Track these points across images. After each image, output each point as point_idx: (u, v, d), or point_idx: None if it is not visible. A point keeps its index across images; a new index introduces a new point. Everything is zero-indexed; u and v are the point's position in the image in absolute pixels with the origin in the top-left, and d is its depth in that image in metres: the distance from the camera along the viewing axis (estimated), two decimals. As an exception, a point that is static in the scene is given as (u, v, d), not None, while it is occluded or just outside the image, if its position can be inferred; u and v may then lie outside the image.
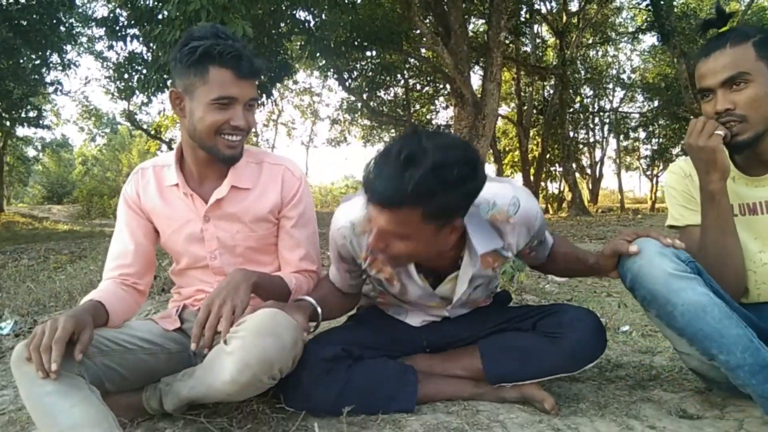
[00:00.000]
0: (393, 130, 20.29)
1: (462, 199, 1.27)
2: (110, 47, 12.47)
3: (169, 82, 10.14)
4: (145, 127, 23.01)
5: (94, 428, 1.22)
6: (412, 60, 14.49)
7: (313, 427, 1.43)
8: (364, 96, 16.33)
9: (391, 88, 18.40)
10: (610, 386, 1.80)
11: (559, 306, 1.73)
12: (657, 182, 25.83)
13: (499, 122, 20.68)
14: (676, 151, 22.90)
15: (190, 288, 1.74)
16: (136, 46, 10.38)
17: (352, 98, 17.76)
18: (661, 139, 23.37)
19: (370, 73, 14.95)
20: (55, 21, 12.07)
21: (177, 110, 1.56)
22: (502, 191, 1.45)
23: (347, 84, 14.39)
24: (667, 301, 1.34)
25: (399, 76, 17.08)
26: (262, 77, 11.47)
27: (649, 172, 26.47)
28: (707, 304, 1.31)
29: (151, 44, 9.01)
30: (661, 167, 25.12)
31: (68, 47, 14.90)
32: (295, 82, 24.02)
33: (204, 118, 1.49)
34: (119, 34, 9.96)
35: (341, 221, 1.52)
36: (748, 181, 1.55)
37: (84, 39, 17.65)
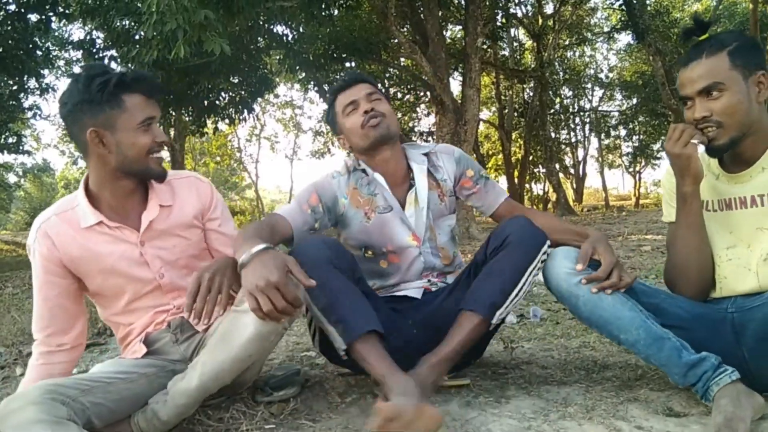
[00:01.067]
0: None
1: None
2: (88, 70, 12.45)
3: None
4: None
5: None
6: (392, 69, 14.54)
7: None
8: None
9: (372, 98, 18.43)
10: (597, 388, 1.81)
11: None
12: (640, 179, 26.12)
13: (481, 127, 20.80)
14: (656, 146, 23.18)
15: (144, 317, 1.72)
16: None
17: (334, 109, 17.76)
18: (641, 136, 23.65)
19: (351, 84, 14.97)
20: (31, 46, 11.97)
21: (99, 148, 1.56)
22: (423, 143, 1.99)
23: (328, 96, 14.43)
24: (570, 294, 1.61)
25: (379, 85, 17.13)
26: (243, 93, 11.47)
27: (631, 169, 26.74)
28: (601, 295, 1.57)
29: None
30: (643, 164, 25.40)
31: (46, 71, 14.79)
32: (276, 96, 24.06)
33: (135, 143, 1.56)
34: (96, 56, 9.95)
35: (329, 172, 1.97)
36: (728, 178, 1.63)
37: (61, 62, 17.52)
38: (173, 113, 11.63)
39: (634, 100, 21.66)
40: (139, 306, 1.71)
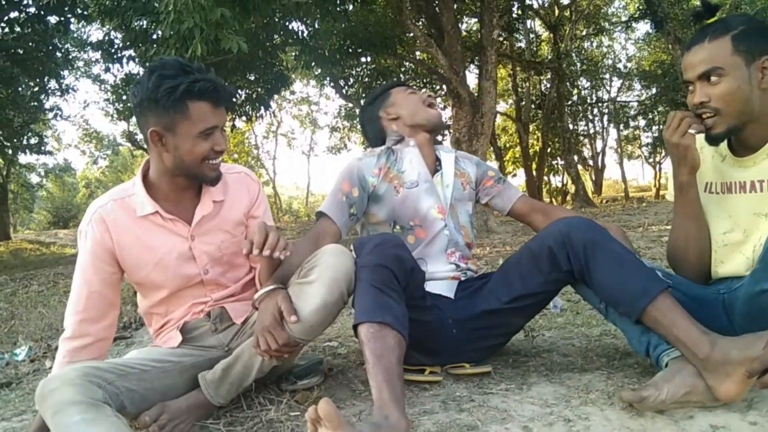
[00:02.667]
0: (392, 134, 20.28)
1: None
2: (107, 70, 12.59)
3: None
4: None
5: None
6: (407, 63, 14.51)
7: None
8: (362, 102, 16.35)
9: (388, 93, 18.40)
10: (619, 374, 1.81)
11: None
12: (660, 169, 25.77)
13: (498, 119, 20.69)
14: (677, 137, 22.82)
15: (182, 308, 1.76)
16: (133, 67, 10.44)
17: (350, 105, 17.80)
18: (661, 126, 23.29)
19: (366, 79, 14.96)
20: (51, 47, 12.17)
21: (157, 147, 1.60)
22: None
23: (344, 91, 14.42)
24: None
25: (395, 79, 17.11)
26: (259, 90, 11.52)
27: (651, 160, 26.40)
28: None
29: (147, 64, 9.05)
30: (663, 154, 25.07)
31: (65, 72, 15.00)
32: (293, 93, 24.13)
33: (192, 150, 1.59)
34: (115, 56, 10.03)
35: (356, 155, 2.09)
36: (734, 161, 1.63)
37: (81, 63, 17.76)
38: (191, 111, 11.71)
39: (654, 90, 21.34)
40: (178, 298, 1.75)
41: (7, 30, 11.22)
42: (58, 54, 12.69)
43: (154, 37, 8.35)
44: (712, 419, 1.41)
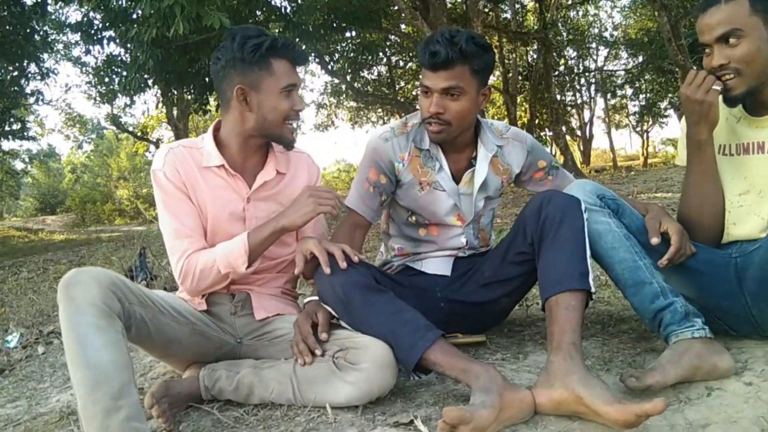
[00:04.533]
0: (380, 110, 20.21)
1: (492, 61, 1.72)
2: (87, 52, 12.39)
3: (152, 85, 10.10)
4: (131, 129, 22.87)
5: (117, 373, 1.26)
6: (393, 37, 14.38)
7: (327, 411, 1.45)
8: (348, 78, 16.21)
9: (375, 68, 18.27)
10: (614, 341, 1.82)
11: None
12: (647, 138, 25.86)
13: (486, 92, 20.56)
14: (664, 104, 22.88)
15: None
16: (114, 49, 10.29)
17: (336, 81, 17.66)
18: (648, 94, 23.30)
19: (352, 54, 14.83)
20: (28, 30, 11.89)
21: (242, 105, 1.65)
22: (497, 122, 1.96)
23: (330, 67, 14.29)
24: None
25: (381, 54, 16.94)
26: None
27: (638, 129, 26.46)
28: (603, 232, 1.57)
29: (129, 45, 8.90)
30: (650, 122, 25.12)
31: (45, 56, 14.72)
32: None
33: (277, 107, 1.64)
34: (95, 37, 9.86)
35: (382, 129, 1.90)
36: (750, 122, 1.60)
37: (60, 46, 17.45)
38: (175, 92, 11.53)
39: (640, 58, 21.27)
40: None
41: (-18, 14, 10.97)
42: (37, 37, 12.41)
43: (134, 16, 8.21)
44: (708, 382, 1.41)
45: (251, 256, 1.62)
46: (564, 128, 20.25)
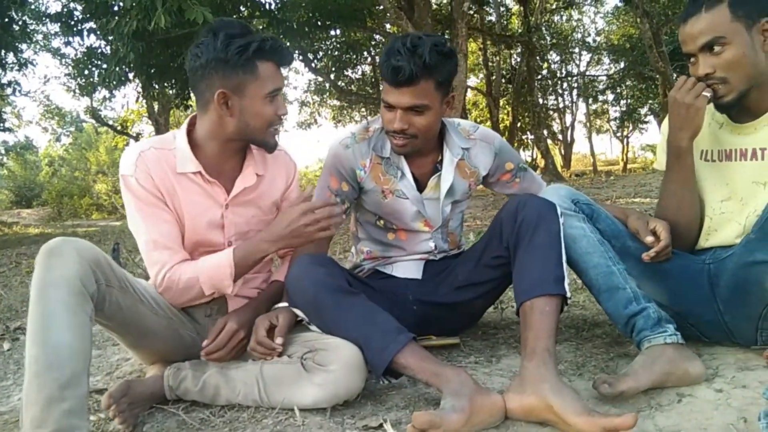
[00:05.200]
0: (363, 109, 20.15)
1: (455, 65, 1.64)
2: (67, 43, 12.19)
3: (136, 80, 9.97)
4: (110, 123, 22.57)
5: (72, 359, 1.21)
6: (378, 36, 14.33)
7: (295, 413, 1.42)
8: (332, 76, 16.15)
9: (358, 66, 18.19)
10: (588, 345, 1.82)
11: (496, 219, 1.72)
12: (627, 143, 26.11)
13: (469, 94, 20.64)
14: (644, 110, 23.11)
15: None
16: (94, 41, 10.13)
17: (320, 79, 17.57)
18: (629, 100, 23.55)
19: (336, 53, 14.78)
20: (7, 19, 11.65)
21: (221, 110, 1.54)
22: (464, 122, 1.90)
23: (313, 65, 14.21)
24: None
25: (365, 53, 16.90)
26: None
27: (619, 134, 26.70)
28: (577, 236, 1.57)
29: (109, 37, 8.78)
30: (630, 128, 25.36)
31: (23, 46, 14.45)
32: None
33: (261, 113, 1.55)
34: (75, 29, 9.71)
35: (342, 135, 1.83)
36: (732, 128, 1.59)
37: (39, 36, 17.13)
38: (156, 86, 11.39)
39: (622, 64, 21.49)
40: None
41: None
42: (15, 27, 12.18)
43: (116, 8, 8.08)
44: (679, 388, 1.41)
45: (236, 278, 1.57)
46: (545, 132, 20.40)
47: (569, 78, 24.23)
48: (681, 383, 1.42)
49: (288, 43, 11.58)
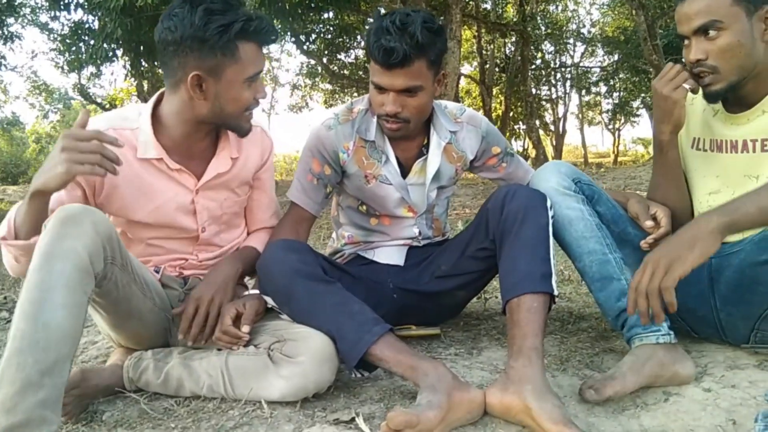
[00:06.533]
0: (355, 93, 19.98)
1: (445, 42, 1.56)
2: (54, 17, 11.94)
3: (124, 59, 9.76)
4: (99, 100, 22.26)
5: (60, 343, 1.10)
6: (371, 20, 14.21)
7: (262, 405, 1.35)
8: (324, 59, 15.98)
9: (351, 50, 18.01)
10: (573, 339, 1.76)
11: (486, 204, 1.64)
12: (619, 136, 26.13)
13: (462, 82, 20.54)
14: (636, 103, 23.12)
15: (162, 257, 1.61)
16: (81, 15, 9.94)
17: (312, 62, 17.39)
18: (621, 93, 23.53)
19: (329, 36, 14.62)
20: (-8, -9, 11.43)
21: (194, 92, 1.39)
22: (451, 104, 1.82)
23: (305, 47, 14.04)
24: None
25: (359, 37, 16.75)
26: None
27: (611, 126, 26.73)
28: (574, 219, 1.49)
29: (97, 12, 8.61)
30: (622, 121, 25.38)
31: (10, 19, 14.17)
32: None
33: (238, 97, 1.42)
34: (62, 3, 9.51)
35: (325, 116, 1.74)
36: (726, 118, 1.50)
37: (27, 10, 16.81)
38: (145, 64, 11.21)
39: (616, 56, 21.43)
40: (166, 246, 1.59)
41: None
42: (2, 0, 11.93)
43: (103, -18, 7.91)
44: (667, 387, 1.35)
45: (18, 227, 1.29)
46: (538, 122, 20.36)
47: (563, 69, 24.16)
48: (670, 384, 1.36)
49: (279, 25, 11.43)
